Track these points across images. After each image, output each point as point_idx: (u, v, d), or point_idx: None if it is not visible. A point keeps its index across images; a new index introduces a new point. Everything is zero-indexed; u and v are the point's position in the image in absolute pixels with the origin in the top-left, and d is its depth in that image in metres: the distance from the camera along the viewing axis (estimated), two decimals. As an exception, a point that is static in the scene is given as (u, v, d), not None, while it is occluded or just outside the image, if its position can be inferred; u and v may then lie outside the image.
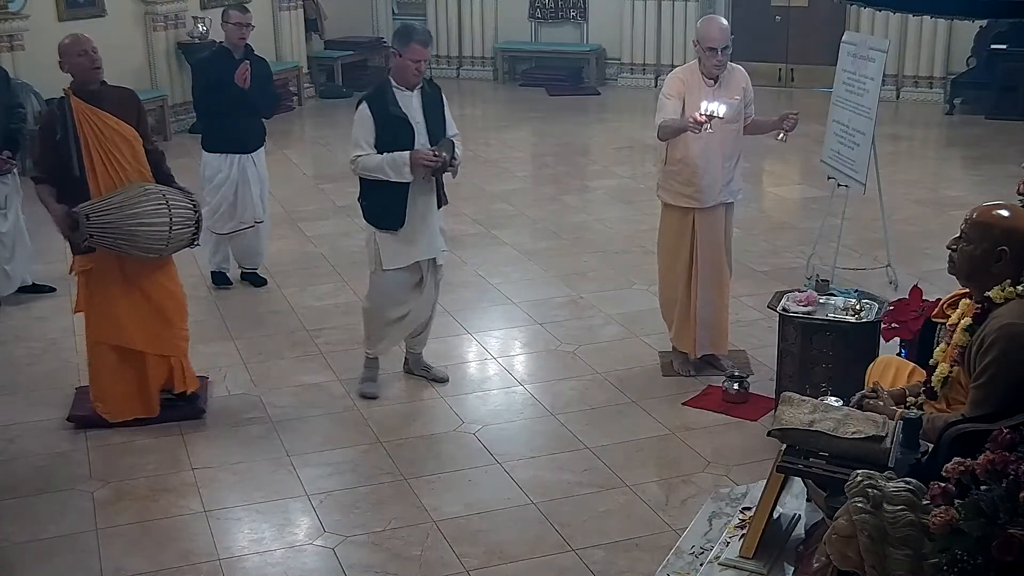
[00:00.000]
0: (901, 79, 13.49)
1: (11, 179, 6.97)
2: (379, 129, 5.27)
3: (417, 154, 5.25)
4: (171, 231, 5.08)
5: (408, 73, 5.30)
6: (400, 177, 5.27)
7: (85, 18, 10.87)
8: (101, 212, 4.94)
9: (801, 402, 3.67)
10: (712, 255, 5.68)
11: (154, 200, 5.07)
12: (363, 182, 5.43)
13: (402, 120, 5.29)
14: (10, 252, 7.02)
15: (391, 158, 5.25)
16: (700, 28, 5.50)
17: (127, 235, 4.98)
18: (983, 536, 2.62)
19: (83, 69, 5.11)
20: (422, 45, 5.27)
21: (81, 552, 4.33)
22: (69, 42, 5.15)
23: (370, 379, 5.72)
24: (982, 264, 3.45)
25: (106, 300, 5.19)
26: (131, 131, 5.14)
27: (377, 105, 5.30)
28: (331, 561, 4.25)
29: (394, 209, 5.38)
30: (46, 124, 5.16)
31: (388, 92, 5.33)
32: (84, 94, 5.10)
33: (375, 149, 5.27)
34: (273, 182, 10.19)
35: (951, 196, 9.35)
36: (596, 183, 10.17)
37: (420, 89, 5.39)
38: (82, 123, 5.03)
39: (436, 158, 5.28)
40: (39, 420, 5.44)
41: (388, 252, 5.46)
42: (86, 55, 5.10)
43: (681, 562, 3.95)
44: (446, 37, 15.79)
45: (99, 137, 5.05)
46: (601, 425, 5.31)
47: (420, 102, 5.38)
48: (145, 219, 5.01)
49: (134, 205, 4.99)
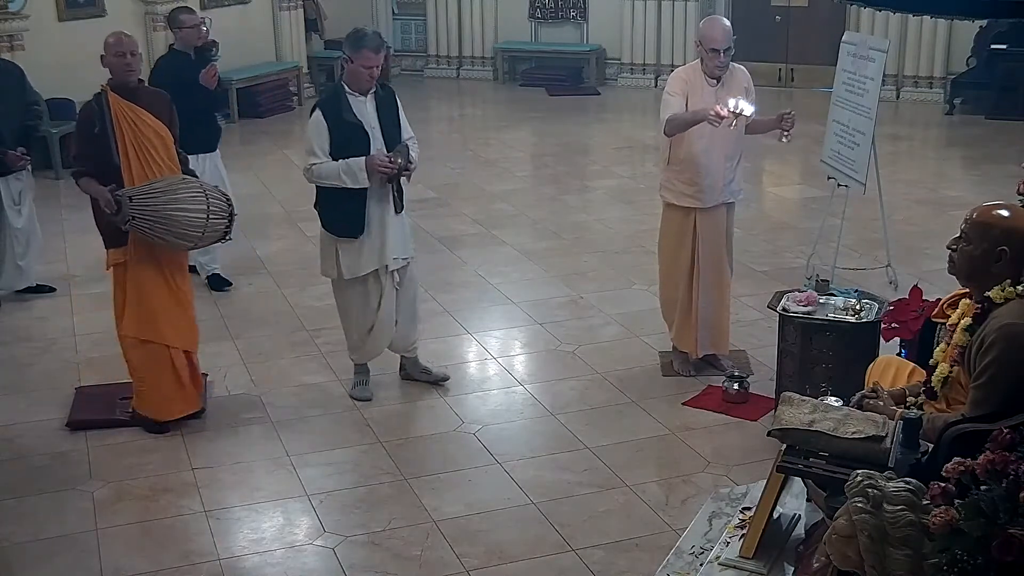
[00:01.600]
0: (901, 79, 13.50)
1: (25, 176, 7.04)
2: (333, 136, 5.22)
3: (372, 160, 5.20)
4: (208, 220, 5.12)
5: (361, 79, 5.26)
6: (356, 183, 5.22)
7: (85, 18, 10.88)
8: (144, 195, 5.01)
9: (801, 402, 3.67)
10: (713, 255, 5.68)
11: (194, 189, 5.16)
12: (320, 190, 5.37)
13: (356, 126, 5.25)
14: (24, 248, 7.08)
15: (346, 165, 5.20)
16: (703, 29, 5.50)
17: (166, 220, 5.02)
18: (983, 536, 2.62)
19: (118, 69, 5.20)
20: (373, 51, 5.23)
21: (81, 552, 4.33)
22: (113, 41, 5.24)
23: (361, 383, 5.69)
24: (982, 264, 3.45)
25: (141, 295, 5.20)
26: (164, 129, 5.21)
27: (331, 112, 5.25)
28: (331, 561, 4.25)
29: (353, 216, 5.32)
30: (84, 118, 5.22)
31: (342, 98, 5.28)
32: (122, 91, 5.17)
33: (330, 156, 5.23)
34: (273, 182, 10.26)
35: (951, 196, 9.36)
36: (596, 183, 10.17)
37: (374, 93, 5.34)
38: (119, 118, 5.09)
39: (392, 164, 5.24)
40: (39, 420, 5.44)
41: (348, 261, 5.40)
42: (123, 57, 5.19)
43: (681, 562, 3.95)
44: (446, 37, 15.80)
45: (135, 132, 5.11)
46: (601, 425, 5.31)
47: (374, 107, 5.34)
48: (185, 205, 5.06)
49: (175, 191, 5.07)
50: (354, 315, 5.56)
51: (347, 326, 5.64)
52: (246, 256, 7.95)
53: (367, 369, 5.73)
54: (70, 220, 8.48)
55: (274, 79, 13.53)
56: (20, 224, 7.02)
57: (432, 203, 9.14)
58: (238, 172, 10.60)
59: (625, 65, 15.01)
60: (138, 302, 5.20)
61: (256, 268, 7.73)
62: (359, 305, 5.52)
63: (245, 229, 8.50)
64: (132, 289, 5.20)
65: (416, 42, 16.42)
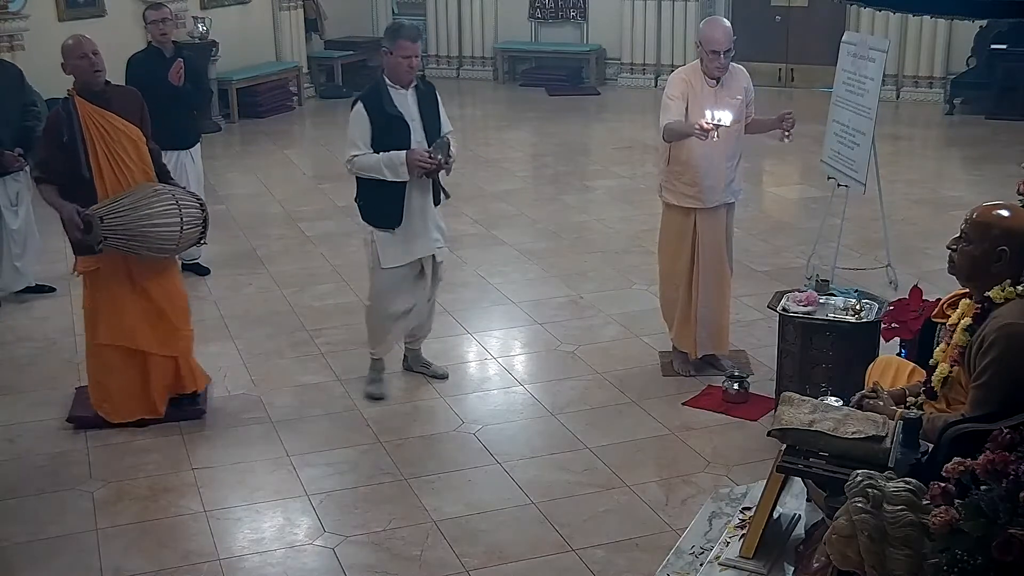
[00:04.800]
0: (901, 79, 13.49)
1: (23, 176, 7.02)
2: (375, 128, 5.27)
3: (412, 155, 5.24)
4: (182, 230, 5.10)
5: (401, 70, 5.30)
6: (396, 177, 5.27)
7: (85, 18, 10.88)
8: (115, 214, 4.94)
9: (801, 402, 3.67)
10: (713, 255, 5.68)
11: (165, 200, 5.09)
12: (360, 181, 5.43)
13: (398, 119, 5.29)
14: (21, 248, 7.07)
15: (387, 158, 5.25)
16: (703, 30, 5.50)
17: (140, 236, 4.99)
18: (983, 536, 2.62)
19: (84, 72, 5.11)
20: (410, 41, 5.28)
21: (81, 552, 4.33)
22: (71, 44, 5.15)
23: (376, 380, 5.71)
24: (982, 264, 3.45)
25: (113, 301, 5.18)
26: (136, 131, 5.16)
27: (373, 104, 5.30)
28: (331, 561, 4.25)
29: (391, 208, 5.38)
30: (52, 126, 5.14)
31: (383, 91, 5.33)
32: (89, 95, 5.10)
33: (371, 148, 5.28)
34: (273, 182, 10.26)
35: (951, 196, 9.35)
36: (596, 183, 10.16)
37: (415, 87, 5.39)
38: (88, 124, 5.03)
39: (431, 160, 5.28)
40: (39, 420, 5.44)
41: (386, 251, 5.46)
42: (86, 58, 5.10)
43: (681, 562, 3.95)
44: (446, 37, 15.80)
45: (106, 138, 5.05)
46: (601, 425, 5.31)
47: (415, 100, 5.38)
48: (158, 219, 5.03)
49: (146, 206, 5.01)
50: (386, 302, 5.58)
51: (373, 316, 5.66)
52: (246, 256, 7.95)
53: (383, 366, 5.75)
54: (70, 220, 8.48)
55: (274, 79, 13.52)
56: (17, 225, 6.99)
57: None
58: (238, 172, 10.66)
59: (625, 65, 15.00)
60: (112, 309, 5.17)
61: (256, 268, 7.73)
62: (393, 292, 5.55)
63: (245, 229, 8.53)
64: (105, 296, 5.16)
65: (416, 42, 16.41)
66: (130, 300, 5.19)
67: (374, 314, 5.67)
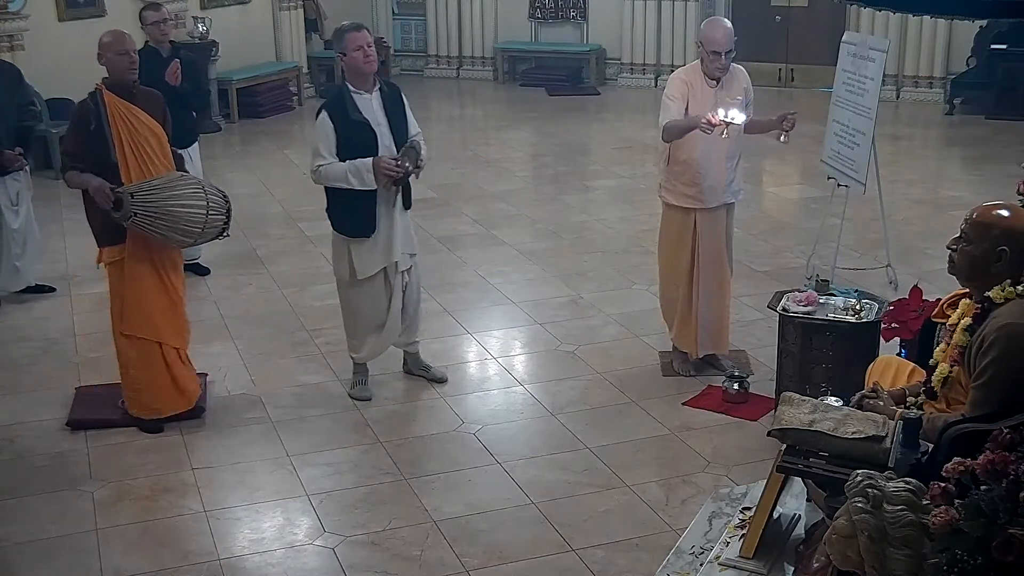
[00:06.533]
0: (901, 79, 13.49)
1: (23, 176, 7.04)
2: (340, 136, 5.21)
3: (379, 162, 5.18)
4: (207, 216, 5.12)
5: (359, 64, 5.21)
6: (363, 185, 5.21)
7: (85, 18, 10.85)
8: (145, 192, 5.00)
9: (801, 402, 3.67)
10: (713, 255, 5.68)
11: (193, 186, 5.17)
12: (329, 192, 5.37)
13: (364, 125, 5.23)
14: (21, 248, 7.07)
15: (353, 166, 5.19)
16: (704, 31, 5.49)
17: (169, 216, 5.01)
18: (983, 536, 2.62)
19: (120, 68, 5.15)
20: (355, 31, 5.23)
21: (81, 552, 4.33)
22: (113, 39, 5.18)
23: (360, 383, 5.69)
24: (982, 264, 3.45)
25: (137, 292, 5.19)
26: (159, 128, 5.21)
27: (337, 112, 5.24)
28: (331, 561, 4.25)
29: (364, 215, 5.32)
30: (80, 116, 5.18)
31: (347, 98, 5.26)
32: (118, 90, 5.14)
33: (337, 157, 5.22)
34: (273, 182, 10.26)
35: (951, 196, 9.35)
36: (596, 183, 10.16)
37: (379, 90, 5.33)
38: (115, 117, 5.07)
39: (398, 168, 5.22)
40: (39, 420, 5.44)
41: (362, 260, 5.40)
42: (127, 55, 5.15)
43: (681, 562, 3.96)
44: (446, 37, 15.80)
45: (131, 131, 5.10)
46: (601, 425, 5.31)
47: (380, 104, 5.32)
48: (186, 200, 5.06)
49: (175, 188, 5.07)
50: (363, 314, 5.56)
51: (353, 325, 5.64)
52: (246, 256, 7.95)
53: (367, 369, 5.73)
54: (70, 220, 8.47)
55: (274, 79, 13.52)
56: (17, 225, 7.00)
57: (432, 203, 9.13)
58: (238, 172, 10.65)
59: (625, 65, 15.00)
60: (137, 300, 5.20)
61: (256, 268, 7.73)
62: (369, 304, 5.53)
63: (245, 229, 8.52)
64: (131, 287, 5.19)
65: (416, 42, 16.42)
66: (153, 292, 5.22)
67: (352, 324, 5.64)
